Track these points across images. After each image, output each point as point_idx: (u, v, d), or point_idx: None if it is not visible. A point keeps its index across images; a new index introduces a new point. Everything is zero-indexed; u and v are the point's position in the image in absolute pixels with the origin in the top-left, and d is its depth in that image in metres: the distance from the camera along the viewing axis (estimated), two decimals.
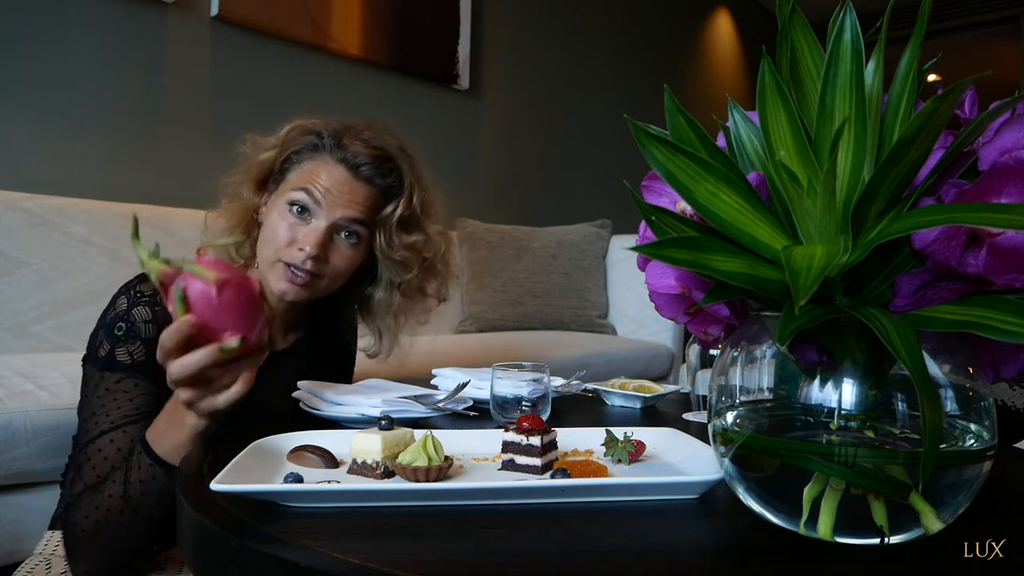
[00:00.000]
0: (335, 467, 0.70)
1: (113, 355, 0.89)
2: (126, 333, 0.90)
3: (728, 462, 0.55)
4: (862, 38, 0.48)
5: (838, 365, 0.51)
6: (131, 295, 0.93)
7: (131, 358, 0.89)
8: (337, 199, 1.01)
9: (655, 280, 0.58)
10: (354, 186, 1.03)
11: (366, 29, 2.71)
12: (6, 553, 1.19)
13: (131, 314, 0.91)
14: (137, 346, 0.90)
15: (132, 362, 0.89)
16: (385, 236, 1.08)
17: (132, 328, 0.90)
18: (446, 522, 0.56)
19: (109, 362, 0.89)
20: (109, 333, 0.90)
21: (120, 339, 0.90)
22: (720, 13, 5.10)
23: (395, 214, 1.08)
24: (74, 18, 1.99)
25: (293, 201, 1.01)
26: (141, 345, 0.90)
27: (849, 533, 0.49)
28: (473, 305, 2.67)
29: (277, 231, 1.01)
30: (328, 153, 1.04)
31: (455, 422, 0.97)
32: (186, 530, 0.60)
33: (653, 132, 0.51)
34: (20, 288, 1.63)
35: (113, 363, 0.89)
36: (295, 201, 1.01)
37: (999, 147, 0.46)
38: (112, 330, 0.90)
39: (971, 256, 0.45)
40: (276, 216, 1.02)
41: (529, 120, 3.54)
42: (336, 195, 1.01)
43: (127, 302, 0.92)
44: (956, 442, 0.50)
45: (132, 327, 0.90)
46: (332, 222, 1.01)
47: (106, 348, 0.90)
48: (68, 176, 1.99)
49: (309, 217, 1.01)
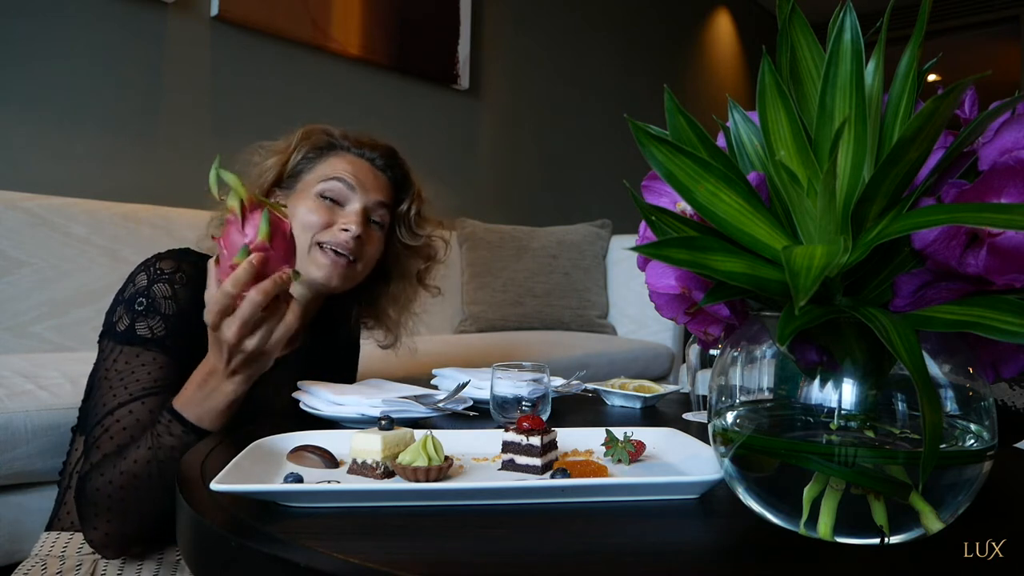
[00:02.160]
0: (335, 467, 0.70)
1: (133, 329, 0.90)
2: (147, 308, 0.91)
3: (728, 462, 0.55)
4: (862, 38, 0.48)
5: (838, 365, 0.51)
6: (151, 272, 0.94)
7: (151, 332, 0.90)
8: (367, 183, 1.08)
9: (655, 280, 0.58)
10: (376, 174, 1.11)
11: (366, 29, 2.71)
12: (6, 553, 1.19)
13: (151, 290, 0.92)
14: (157, 321, 0.90)
15: (152, 336, 0.90)
16: (406, 227, 1.17)
17: (152, 303, 0.91)
18: (446, 522, 0.56)
19: (129, 336, 0.89)
20: (129, 308, 0.91)
21: (141, 313, 0.90)
22: (720, 13, 5.10)
23: (412, 208, 1.17)
24: (74, 18, 1.99)
25: (325, 191, 1.06)
26: (160, 320, 0.91)
27: (849, 533, 0.49)
28: (473, 305, 2.67)
29: (310, 216, 1.04)
30: (346, 150, 1.12)
31: (455, 422, 0.97)
32: (186, 530, 0.60)
33: (653, 132, 0.51)
34: (20, 288, 1.63)
35: (133, 337, 0.89)
36: (327, 190, 1.06)
37: (999, 147, 0.46)
38: (132, 304, 0.91)
39: (971, 256, 0.45)
40: (305, 209, 1.05)
41: (529, 120, 3.54)
42: (365, 180, 1.08)
43: (147, 278, 0.93)
44: (956, 442, 0.50)
45: (152, 302, 0.91)
46: (366, 204, 1.07)
47: (126, 322, 0.90)
48: (68, 176, 1.99)
49: (342, 203, 1.07)
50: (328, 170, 1.08)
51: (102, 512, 0.83)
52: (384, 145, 1.15)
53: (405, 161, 1.18)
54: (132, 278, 0.95)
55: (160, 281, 0.93)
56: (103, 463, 0.83)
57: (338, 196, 1.06)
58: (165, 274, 0.94)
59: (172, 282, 0.93)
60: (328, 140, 1.12)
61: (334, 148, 1.12)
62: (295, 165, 1.11)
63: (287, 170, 1.11)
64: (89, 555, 0.95)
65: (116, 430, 0.85)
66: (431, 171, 1.21)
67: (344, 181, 1.06)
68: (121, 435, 0.85)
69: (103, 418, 0.86)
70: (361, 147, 1.12)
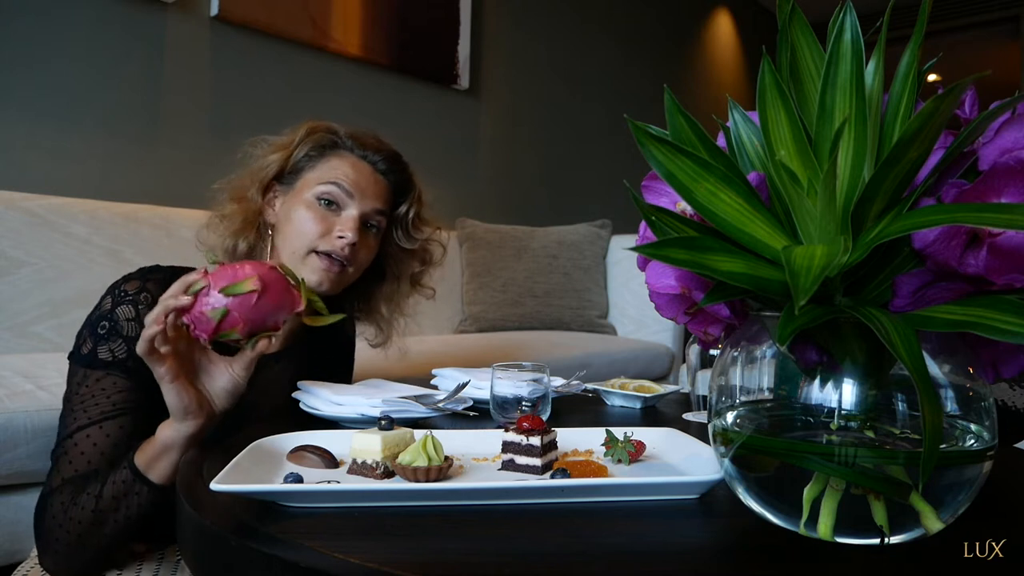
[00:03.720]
0: (335, 467, 0.70)
1: (95, 353, 0.91)
2: (108, 331, 0.91)
3: (728, 462, 0.55)
4: (862, 38, 0.48)
5: (838, 365, 0.51)
6: (115, 294, 0.95)
7: (112, 356, 0.91)
8: (366, 190, 1.08)
9: (655, 280, 0.58)
10: (376, 179, 1.11)
11: (366, 29, 2.71)
12: (6, 553, 1.19)
13: (115, 313, 0.93)
14: (119, 344, 0.91)
15: (113, 359, 0.91)
16: (403, 230, 1.17)
17: (115, 327, 0.92)
18: (446, 522, 0.56)
19: (91, 359, 0.90)
20: (92, 331, 0.92)
21: (103, 338, 0.91)
22: (720, 13, 5.10)
23: (410, 211, 1.17)
24: (74, 18, 1.99)
25: (323, 194, 1.06)
26: (123, 343, 0.91)
27: (849, 533, 0.49)
28: (473, 305, 2.67)
29: (307, 224, 1.05)
30: (348, 151, 1.11)
31: (455, 422, 0.97)
32: (186, 530, 0.60)
33: (653, 132, 0.51)
34: (20, 288, 1.63)
35: (95, 360, 0.90)
36: (325, 194, 1.06)
37: (999, 147, 0.46)
38: (96, 328, 0.92)
39: (971, 256, 0.45)
40: (302, 211, 1.05)
41: (529, 120, 3.54)
42: (364, 187, 1.08)
43: (111, 301, 0.94)
44: (956, 442, 0.50)
45: (115, 325, 0.92)
46: (363, 211, 1.07)
47: (89, 346, 0.91)
48: (68, 176, 1.99)
49: (339, 209, 1.07)
50: (328, 172, 1.08)
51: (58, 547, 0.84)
52: (388, 148, 1.15)
53: (408, 165, 1.17)
54: (100, 301, 0.96)
55: (124, 303, 0.94)
56: (60, 491, 0.85)
57: (336, 200, 1.06)
58: (129, 295, 0.94)
59: (136, 303, 0.94)
60: (331, 139, 1.11)
61: (337, 148, 1.11)
62: (297, 162, 1.10)
63: (288, 166, 1.10)
64: None
65: (74, 454, 0.87)
66: (431, 171, 1.21)
67: (342, 187, 1.06)
68: (79, 459, 0.86)
69: (63, 441, 0.88)
70: (364, 149, 1.11)
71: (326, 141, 1.11)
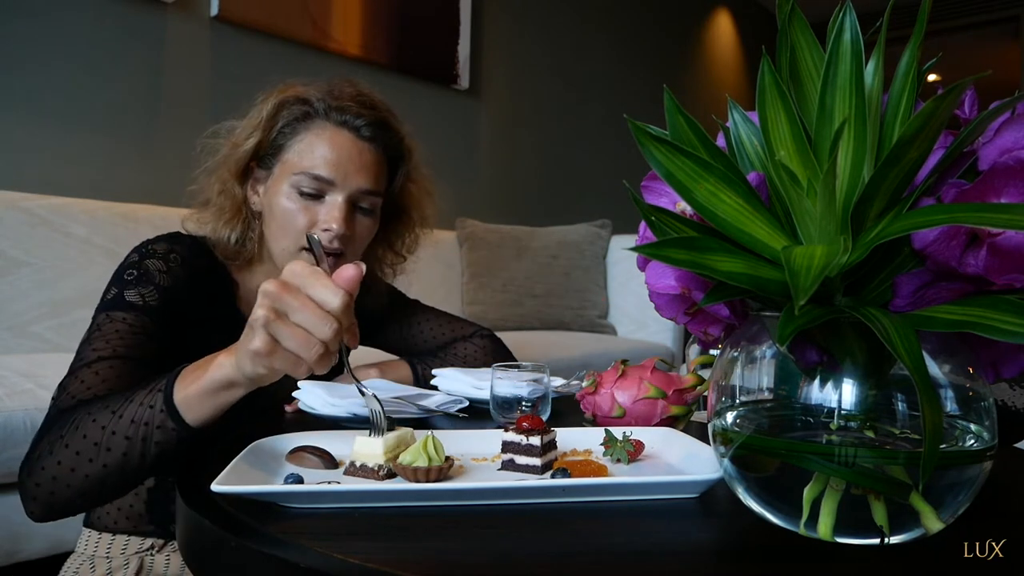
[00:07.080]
0: (335, 468, 0.70)
1: (122, 296, 0.85)
2: (137, 278, 0.86)
3: (728, 462, 0.55)
4: (862, 38, 0.48)
5: (838, 365, 0.51)
6: (143, 251, 0.91)
7: (142, 299, 0.85)
8: (348, 168, 0.97)
9: (655, 280, 0.58)
10: (361, 148, 0.98)
11: (366, 29, 2.71)
12: (6, 553, 1.19)
13: (144, 263, 0.89)
14: (150, 289, 0.86)
15: (143, 303, 0.84)
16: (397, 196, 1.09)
17: (145, 274, 0.87)
18: (446, 522, 0.56)
19: (117, 302, 0.84)
20: (119, 279, 0.87)
21: (131, 283, 0.86)
22: (720, 13, 5.10)
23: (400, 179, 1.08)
24: (74, 18, 1.99)
25: (300, 183, 0.96)
26: (154, 290, 0.86)
27: (849, 533, 0.49)
28: (473, 305, 2.67)
29: (291, 217, 0.96)
30: (324, 119, 0.99)
31: (455, 422, 0.97)
32: (186, 530, 0.60)
33: (653, 132, 0.51)
34: (20, 288, 1.63)
35: (121, 302, 0.84)
36: (303, 183, 0.96)
37: (999, 147, 0.46)
38: (122, 276, 0.87)
39: (971, 256, 0.45)
40: (284, 201, 0.97)
41: (529, 120, 3.54)
42: (346, 164, 0.97)
43: (139, 256, 0.90)
44: (956, 442, 0.50)
45: (145, 273, 0.87)
46: (348, 194, 0.97)
47: (114, 292, 0.86)
48: (68, 176, 1.99)
49: (322, 194, 0.97)
50: (304, 157, 0.96)
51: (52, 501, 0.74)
52: (371, 106, 1.01)
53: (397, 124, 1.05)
54: (125, 258, 0.91)
55: (154, 257, 0.90)
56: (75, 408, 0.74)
57: (316, 190, 0.96)
58: (159, 253, 0.91)
59: (167, 260, 0.90)
60: (304, 110, 0.99)
61: (312, 119, 0.99)
62: (272, 141, 1.00)
63: (263, 149, 1.00)
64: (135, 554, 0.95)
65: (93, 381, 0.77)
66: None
67: (320, 177, 0.95)
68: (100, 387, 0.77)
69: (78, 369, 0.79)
70: (343, 113, 0.99)
71: (298, 113, 0.99)
